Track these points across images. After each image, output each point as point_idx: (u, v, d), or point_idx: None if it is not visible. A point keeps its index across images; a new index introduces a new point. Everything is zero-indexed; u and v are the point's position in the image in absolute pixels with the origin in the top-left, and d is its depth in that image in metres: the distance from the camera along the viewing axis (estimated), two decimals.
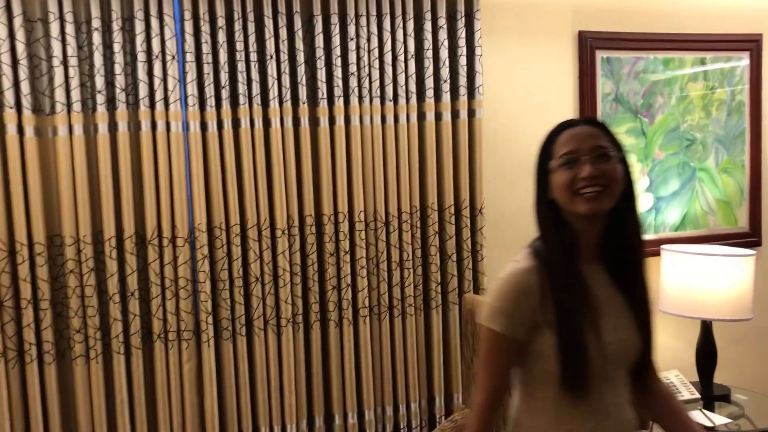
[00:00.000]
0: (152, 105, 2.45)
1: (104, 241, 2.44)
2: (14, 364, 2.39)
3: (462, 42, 2.74)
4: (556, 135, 1.54)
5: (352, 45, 2.62)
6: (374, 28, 2.64)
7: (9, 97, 2.33)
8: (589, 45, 3.05)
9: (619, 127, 3.12)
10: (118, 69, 2.41)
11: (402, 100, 2.69)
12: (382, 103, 2.68)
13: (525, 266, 1.50)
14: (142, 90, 2.43)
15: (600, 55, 3.08)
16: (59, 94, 2.36)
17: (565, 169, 1.48)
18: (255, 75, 2.53)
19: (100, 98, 2.40)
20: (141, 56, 2.42)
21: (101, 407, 2.46)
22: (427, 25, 2.70)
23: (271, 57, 2.53)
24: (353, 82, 2.64)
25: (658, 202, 3.22)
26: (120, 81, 2.41)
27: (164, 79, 2.44)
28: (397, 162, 2.71)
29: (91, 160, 2.43)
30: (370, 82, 2.66)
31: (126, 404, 2.49)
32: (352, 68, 2.63)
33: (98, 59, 2.39)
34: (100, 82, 2.39)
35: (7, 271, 2.36)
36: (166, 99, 2.45)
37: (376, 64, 2.65)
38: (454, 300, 2.82)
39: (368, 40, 2.64)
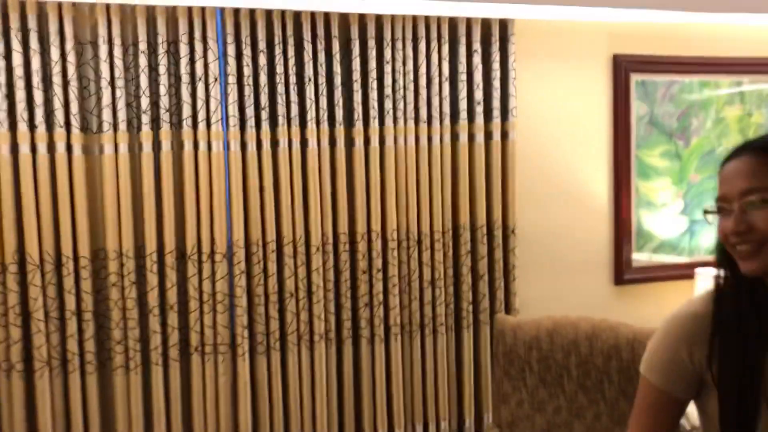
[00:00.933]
0: (195, 125, 2.54)
1: (146, 256, 2.52)
2: (58, 373, 2.47)
3: (496, 65, 2.79)
4: (720, 169, 1.23)
5: (387, 68, 2.68)
6: (410, 52, 2.69)
7: (59, 116, 2.43)
8: (624, 68, 3.06)
9: (654, 149, 3.13)
10: (162, 90, 2.50)
11: (436, 122, 2.74)
12: (417, 124, 2.73)
13: (696, 310, 1.25)
14: (186, 111, 2.52)
15: (635, 77, 3.09)
16: (106, 114, 2.46)
17: (720, 218, 1.20)
18: (294, 97, 2.60)
19: (145, 118, 2.49)
20: (185, 78, 2.51)
21: (139, 417, 2.53)
22: (462, 49, 2.75)
23: (310, 79, 2.60)
24: (388, 104, 2.69)
25: (693, 225, 3.20)
26: (164, 102, 2.50)
27: (207, 101, 2.53)
28: (430, 182, 2.76)
29: (135, 178, 2.52)
30: (405, 104, 2.71)
31: (163, 414, 2.56)
32: (388, 90, 2.69)
33: (144, 81, 2.48)
34: (145, 102, 2.49)
35: (53, 283, 2.45)
36: (208, 120, 2.53)
37: (411, 86, 2.71)
38: (486, 320, 2.84)
39: (404, 63, 2.70)
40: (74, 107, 2.44)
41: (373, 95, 2.68)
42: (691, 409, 2.73)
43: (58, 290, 2.47)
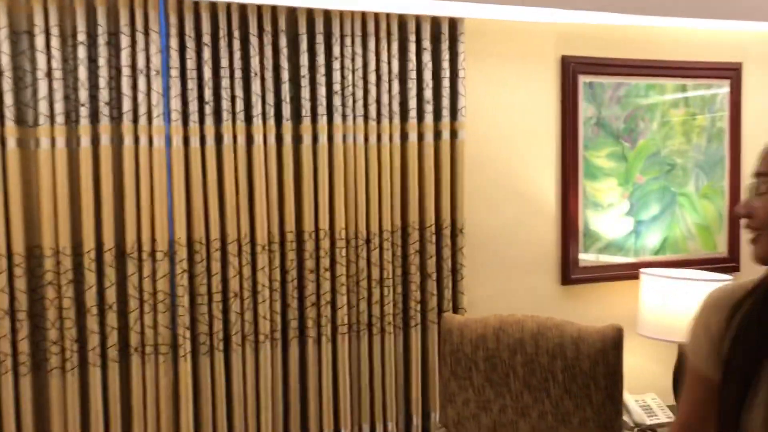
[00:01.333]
0: (135, 119, 2.47)
1: (83, 254, 2.44)
2: None
3: (446, 64, 2.78)
4: None
5: (336, 64, 2.65)
6: (359, 49, 2.67)
7: None
8: (571, 69, 3.09)
9: (601, 150, 3.16)
10: (102, 83, 2.42)
11: (385, 120, 2.72)
12: (366, 122, 2.71)
13: (734, 286, 1.21)
14: (126, 104, 2.45)
15: (582, 79, 3.13)
16: (43, 107, 2.37)
17: None
18: (239, 92, 2.55)
19: (84, 111, 2.41)
20: (126, 71, 2.44)
21: (76, 419, 2.45)
22: (412, 47, 2.73)
23: (256, 74, 2.56)
24: (337, 100, 2.66)
25: (638, 226, 3.25)
26: (104, 95, 2.43)
27: (148, 94, 2.46)
28: (379, 181, 2.74)
29: (73, 173, 2.44)
30: (354, 102, 2.68)
31: (101, 417, 2.48)
32: (336, 87, 2.66)
33: (83, 73, 2.40)
34: (83, 95, 2.41)
35: None
36: (149, 114, 2.47)
37: (360, 83, 2.69)
38: (433, 319, 2.83)
39: (353, 60, 2.67)
40: (9, 99, 2.35)
41: (322, 91, 2.64)
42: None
43: None
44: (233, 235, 2.57)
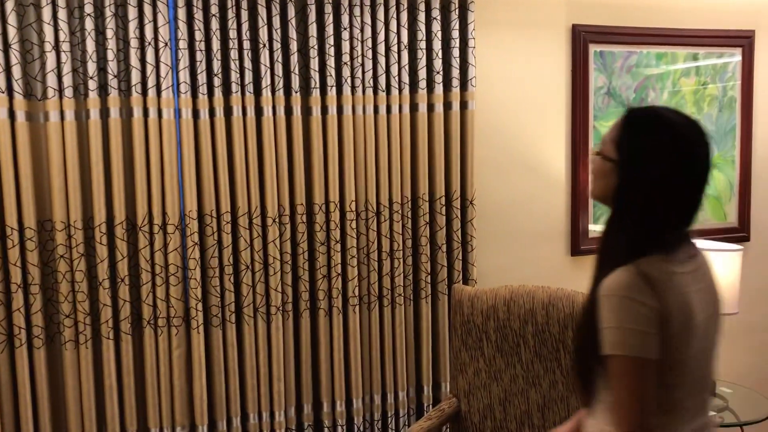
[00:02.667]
0: (144, 92, 2.45)
1: (95, 227, 2.44)
2: (3, 348, 2.40)
3: (455, 34, 2.75)
4: None
5: (345, 35, 2.62)
6: (368, 18, 2.64)
7: (0, 81, 2.32)
8: (582, 38, 3.05)
9: (611, 120, 3.13)
10: (110, 55, 2.40)
11: (395, 91, 2.69)
12: (375, 93, 2.68)
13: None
14: (135, 76, 2.43)
15: (593, 48, 3.09)
16: (51, 80, 2.36)
17: None
18: (248, 63, 2.53)
19: (92, 84, 2.40)
20: (134, 43, 2.42)
21: (90, 392, 2.48)
22: (421, 17, 2.70)
23: (264, 45, 2.53)
24: (346, 72, 2.64)
25: None
26: (112, 67, 2.41)
27: (157, 66, 2.44)
28: (388, 152, 2.72)
29: (83, 146, 2.43)
30: (363, 73, 2.66)
31: (115, 389, 2.50)
32: (345, 58, 2.63)
33: (90, 45, 2.38)
34: (92, 68, 2.39)
35: None
36: (158, 86, 2.45)
37: (370, 54, 2.66)
38: (444, 290, 2.84)
39: (362, 30, 2.64)
40: (17, 72, 2.33)
41: (331, 62, 2.62)
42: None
43: (3, 263, 2.39)
44: (244, 207, 2.57)
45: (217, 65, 2.50)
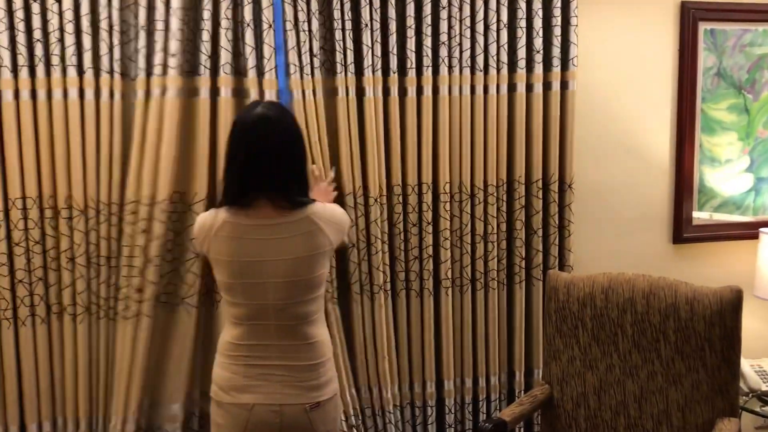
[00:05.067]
0: (240, 73, 2.47)
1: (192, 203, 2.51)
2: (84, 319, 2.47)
3: (557, 11, 2.67)
4: None
5: (443, 14, 2.59)
6: None
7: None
8: (692, 16, 2.91)
9: (720, 103, 2.98)
10: (223, 40, 2.43)
11: (493, 71, 2.64)
12: (472, 73, 2.64)
13: None
14: (251, 59, 2.44)
15: (703, 26, 2.94)
16: (160, 59, 2.41)
17: None
18: (349, 43, 2.52)
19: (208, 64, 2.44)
20: (239, 24, 2.45)
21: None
22: None
23: (366, 25, 2.52)
24: (443, 51, 2.61)
25: (759, 183, 3.07)
26: (225, 49, 2.43)
27: (259, 48, 2.46)
28: (485, 134, 2.68)
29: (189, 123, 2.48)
30: (461, 52, 2.62)
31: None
32: (443, 38, 2.60)
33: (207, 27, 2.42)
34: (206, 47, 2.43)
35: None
36: (259, 67, 2.47)
37: (468, 33, 2.61)
38: (539, 276, 2.78)
39: (460, 9, 2.60)
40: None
41: (428, 42, 2.59)
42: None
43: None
44: (348, 187, 2.58)
45: (316, 46, 2.50)
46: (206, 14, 2.41)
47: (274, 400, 1.88)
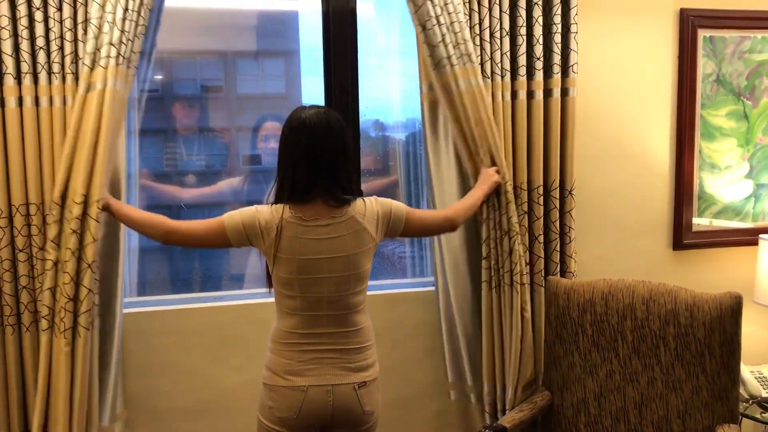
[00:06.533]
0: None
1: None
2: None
3: (557, 19, 2.67)
4: None
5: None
6: (475, 5, 2.59)
7: None
8: (691, 23, 2.92)
9: (720, 109, 3.00)
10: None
11: (497, 78, 2.65)
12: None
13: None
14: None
15: (702, 33, 2.95)
16: None
17: None
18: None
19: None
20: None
21: None
22: (522, 2, 2.63)
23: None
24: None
25: (759, 189, 3.08)
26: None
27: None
28: None
29: None
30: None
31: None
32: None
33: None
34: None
35: None
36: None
37: (477, 41, 2.61)
38: (540, 282, 2.78)
39: (469, 18, 2.59)
40: None
41: None
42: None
43: None
44: None
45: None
46: None
47: (327, 381, 2.04)
